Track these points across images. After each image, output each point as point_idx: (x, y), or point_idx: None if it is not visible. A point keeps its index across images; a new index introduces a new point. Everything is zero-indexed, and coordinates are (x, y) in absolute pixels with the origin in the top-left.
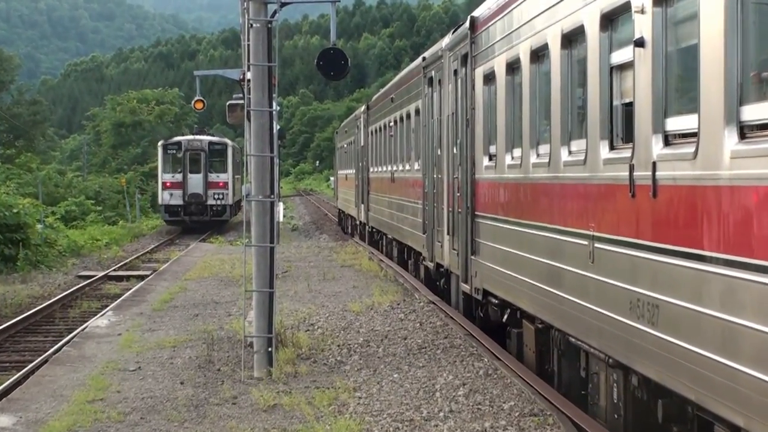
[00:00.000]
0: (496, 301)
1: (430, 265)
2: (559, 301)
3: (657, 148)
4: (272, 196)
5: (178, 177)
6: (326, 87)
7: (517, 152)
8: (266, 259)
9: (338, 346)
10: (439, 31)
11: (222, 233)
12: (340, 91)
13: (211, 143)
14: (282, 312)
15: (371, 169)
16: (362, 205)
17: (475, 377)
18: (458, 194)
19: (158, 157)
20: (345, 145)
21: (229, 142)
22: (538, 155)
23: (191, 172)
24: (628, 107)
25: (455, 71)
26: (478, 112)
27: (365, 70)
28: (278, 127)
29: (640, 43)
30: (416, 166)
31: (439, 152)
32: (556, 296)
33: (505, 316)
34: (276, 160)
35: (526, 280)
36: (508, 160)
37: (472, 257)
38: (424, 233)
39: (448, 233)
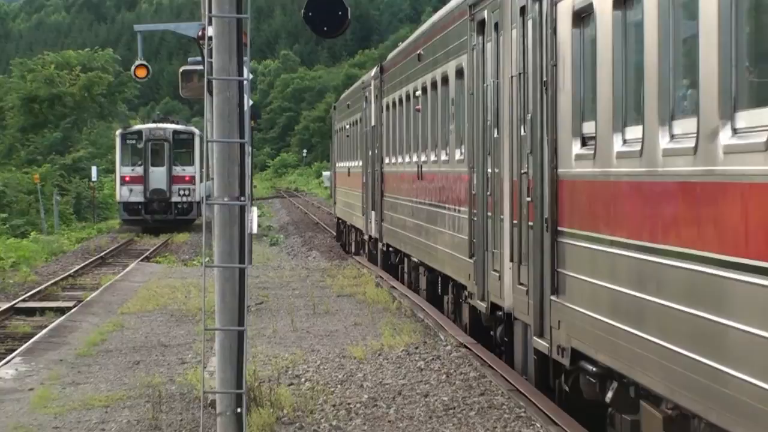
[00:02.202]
0: (594, 369)
1: (481, 305)
2: (717, 379)
3: None
4: (242, 199)
5: (139, 170)
6: (317, 47)
7: (633, 132)
8: (234, 286)
9: (333, 406)
10: None
11: (172, 249)
12: (336, 53)
13: (175, 132)
14: (256, 359)
15: (386, 161)
16: (373, 213)
17: None
18: (528, 199)
19: (116, 148)
20: (347, 126)
21: (196, 130)
22: (672, 137)
23: (153, 165)
24: None
25: (522, 8)
26: (564, 70)
27: (371, 24)
28: (251, 102)
29: None
30: (458, 156)
31: (496, 134)
32: (711, 370)
33: (610, 393)
34: (248, 149)
35: (653, 339)
36: (617, 144)
37: (554, 298)
38: (471, 257)
39: (511, 259)
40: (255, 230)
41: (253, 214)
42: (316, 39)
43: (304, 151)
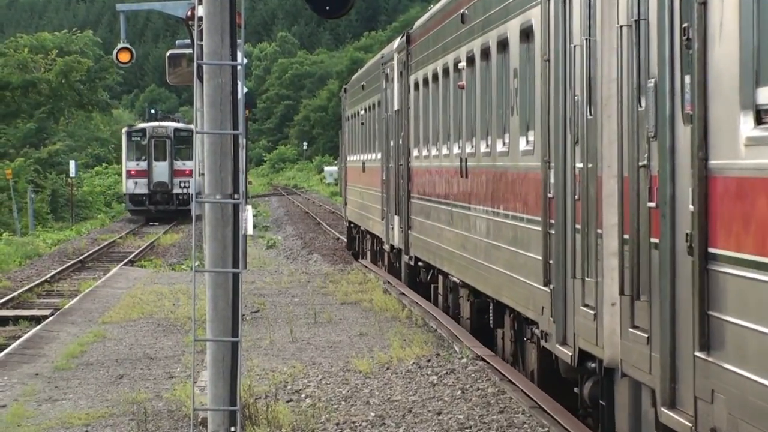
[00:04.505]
0: None
1: (564, 352)
2: None
3: None
4: (236, 196)
5: (143, 165)
6: (318, 29)
7: None
8: (227, 293)
9: (337, 424)
10: None
11: (158, 252)
12: (339, 36)
13: (176, 130)
14: (251, 373)
15: (415, 153)
16: (396, 218)
17: None
18: (652, 205)
19: (122, 144)
20: (361, 112)
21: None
22: None
23: (156, 160)
24: None
25: None
26: (723, 8)
27: (378, 3)
28: (245, 89)
29: None
30: (523, 145)
31: (589, 114)
32: None
33: None
34: (242, 141)
35: None
36: None
37: (702, 355)
38: (546, 285)
39: (621, 291)
40: (250, 231)
41: (248, 214)
42: (317, 20)
43: (305, 143)
